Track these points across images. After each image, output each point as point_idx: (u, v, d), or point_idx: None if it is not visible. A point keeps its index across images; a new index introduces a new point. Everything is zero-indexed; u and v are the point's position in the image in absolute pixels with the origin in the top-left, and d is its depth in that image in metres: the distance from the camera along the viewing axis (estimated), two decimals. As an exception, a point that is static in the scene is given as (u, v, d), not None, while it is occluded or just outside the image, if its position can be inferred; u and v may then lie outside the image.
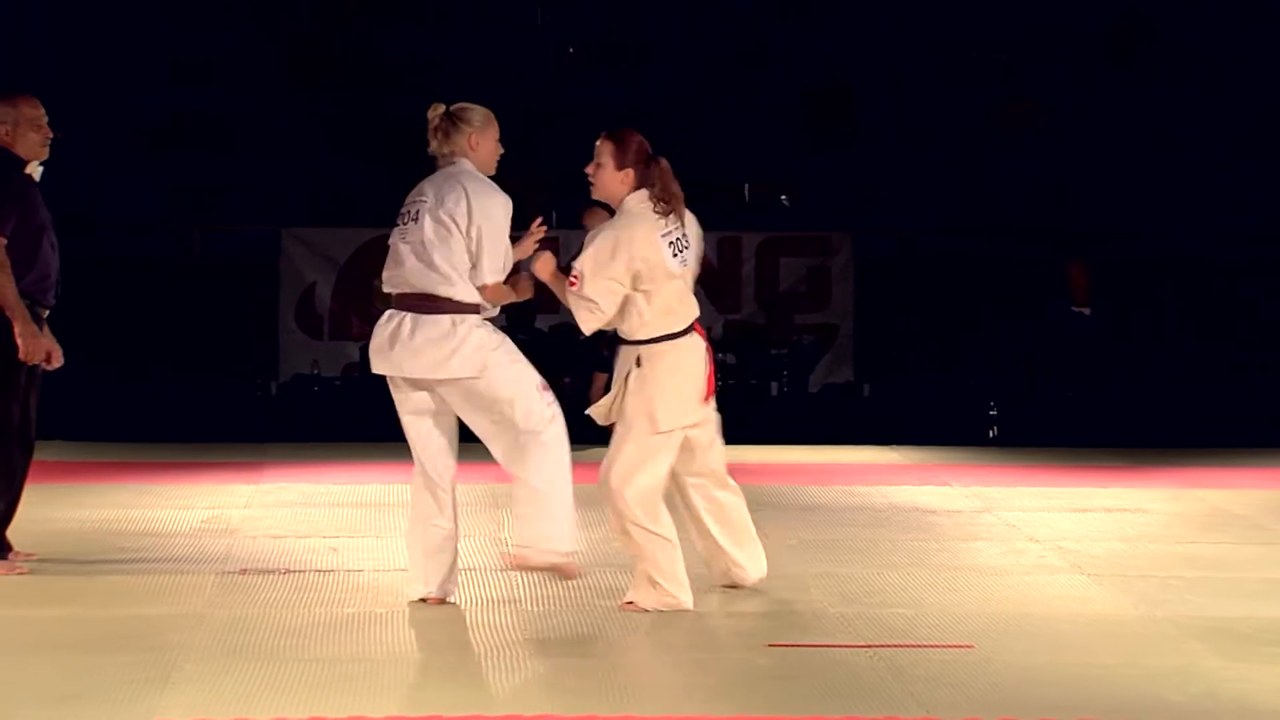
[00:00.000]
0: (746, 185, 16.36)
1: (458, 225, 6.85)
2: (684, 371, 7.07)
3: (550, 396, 6.97)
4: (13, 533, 8.54)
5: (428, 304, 6.87)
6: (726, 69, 16.20)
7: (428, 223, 6.87)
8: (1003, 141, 16.17)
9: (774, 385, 14.80)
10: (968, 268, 15.20)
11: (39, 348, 7.27)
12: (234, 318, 14.99)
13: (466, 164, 7.00)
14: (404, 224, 6.96)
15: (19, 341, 7.21)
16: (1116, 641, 6.67)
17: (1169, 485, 10.58)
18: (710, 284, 15.31)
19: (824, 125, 16.16)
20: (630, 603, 6.98)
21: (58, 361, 7.51)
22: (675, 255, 7.06)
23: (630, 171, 7.08)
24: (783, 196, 16.29)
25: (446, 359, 6.87)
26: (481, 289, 6.90)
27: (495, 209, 6.90)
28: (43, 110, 7.40)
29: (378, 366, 7.01)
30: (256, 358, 14.93)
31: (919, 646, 6.50)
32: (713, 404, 7.21)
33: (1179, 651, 6.52)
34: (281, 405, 14.48)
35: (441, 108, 7.07)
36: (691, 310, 7.16)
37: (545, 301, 8.63)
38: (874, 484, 10.50)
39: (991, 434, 13.22)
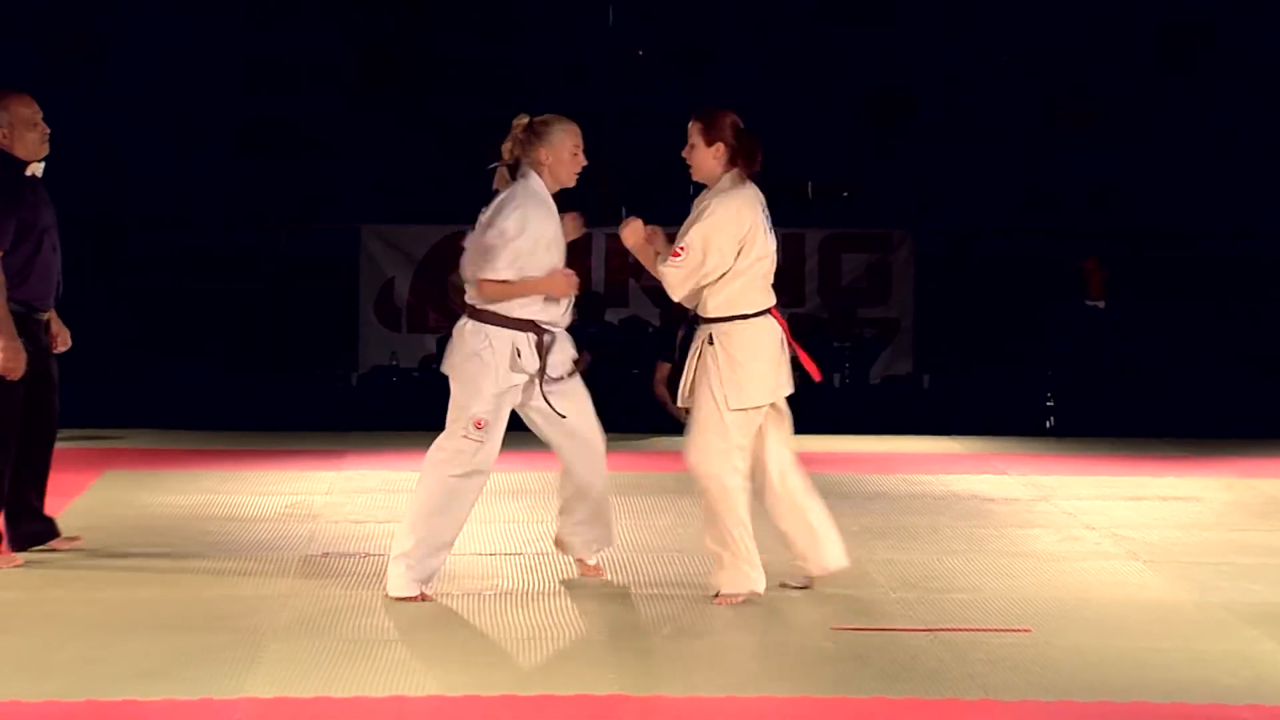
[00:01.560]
0: (810, 183, 16.31)
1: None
2: (757, 350, 6.97)
3: (477, 434, 6.90)
4: (105, 516, 8.63)
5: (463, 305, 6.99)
6: (790, 71, 16.17)
7: (477, 230, 6.94)
8: (1059, 142, 16.08)
9: (836, 377, 14.76)
10: (1024, 264, 15.13)
11: (19, 364, 6.89)
12: (316, 312, 15.06)
13: (534, 181, 6.97)
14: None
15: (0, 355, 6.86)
16: (1171, 626, 6.63)
17: (1223, 474, 10.50)
18: (774, 278, 15.30)
19: (885, 125, 16.11)
20: (719, 595, 6.89)
21: (64, 345, 7.33)
22: (767, 233, 6.99)
23: (720, 146, 7.03)
24: (844, 193, 16.25)
25: (447, 356, 7.05)
26: (480, 283, 6.88)
27: (512, 218, 6.86)
28: (36, 107, 7.07)
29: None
30: (338, 350, 14.99)
31: (978, 630, 6.48)
32: (789, 386, 7.10)
33: (1233, 636, 6.48)
34: (361, 395, 14.54)
35: (526, 119, 7.06)
36: (770, 294, 7.10)
37: (615, 295, 8.62)
38: (933, 473, 10.46)
39: (1048, 424, 13.15)
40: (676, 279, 6.91)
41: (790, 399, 7.37)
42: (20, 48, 15.45)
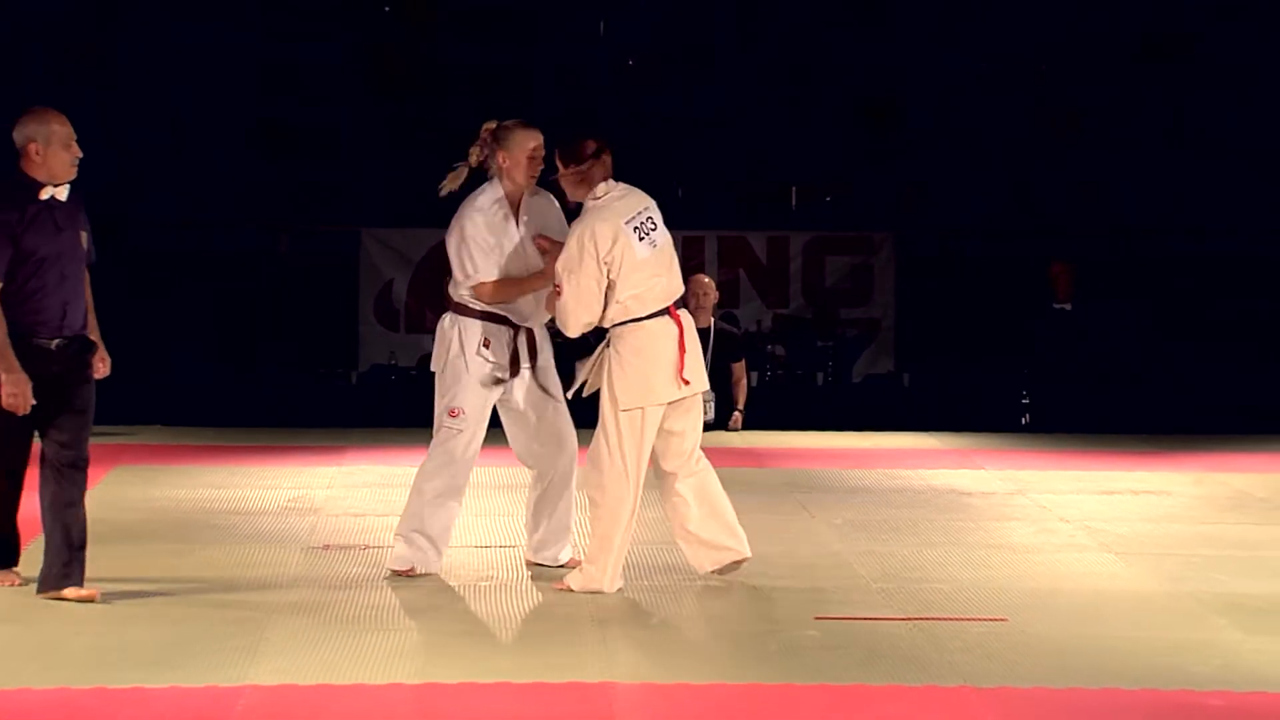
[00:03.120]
0: (794, 188, 16.30)
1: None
2: (648, 353, 6.87)
3: (452, 423, 7.12)
4: (115, 510, 8.62)
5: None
6: (779, 79, 16.16)
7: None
8: (1039, 147, 16.08)
9: (820, 375, 14.76)
10: (1002, 266, 15.13)
11: (23, 395, 6.39)
12: (317, 311, 15.04)
13: (484, 190, 7.11)
14: None
15: (2, 389, 6.40)
16: (1142, 616, 6.65)
17: (1192, 469, 10.52)
18: (760, 280, 15.29)
19: (869, 132, 16.11)
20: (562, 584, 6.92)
21: (104, 371, 6.77)
22: (642, 240, 6.86)
23: (583, 168, 6.94)
24: (827, 197, 16.25)
25: (433, 350, 7.23)
26: (477, 287, 7.04)
27: (459, 219, 7.05)
28: (71, 128, 6.60)
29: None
30: (338, 349, 14.97)
31: (956, 619, 6.49)
32: (693, 387, 6.95)
33: (1201, 625, 6.49)
34: (361, 393, 14.53)
35: (493, 124, 7.11)
36: (663, 295, 6.93)
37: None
38: (913, 468, 10.48)
39: (1024, 421, 13.16)
40: (569, 319, 6.88)
41: (776, 397, 7.37)
42: (31, 49, 15.42)
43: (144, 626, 6.23)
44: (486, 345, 7.07)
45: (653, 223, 6.94)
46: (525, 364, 7.13)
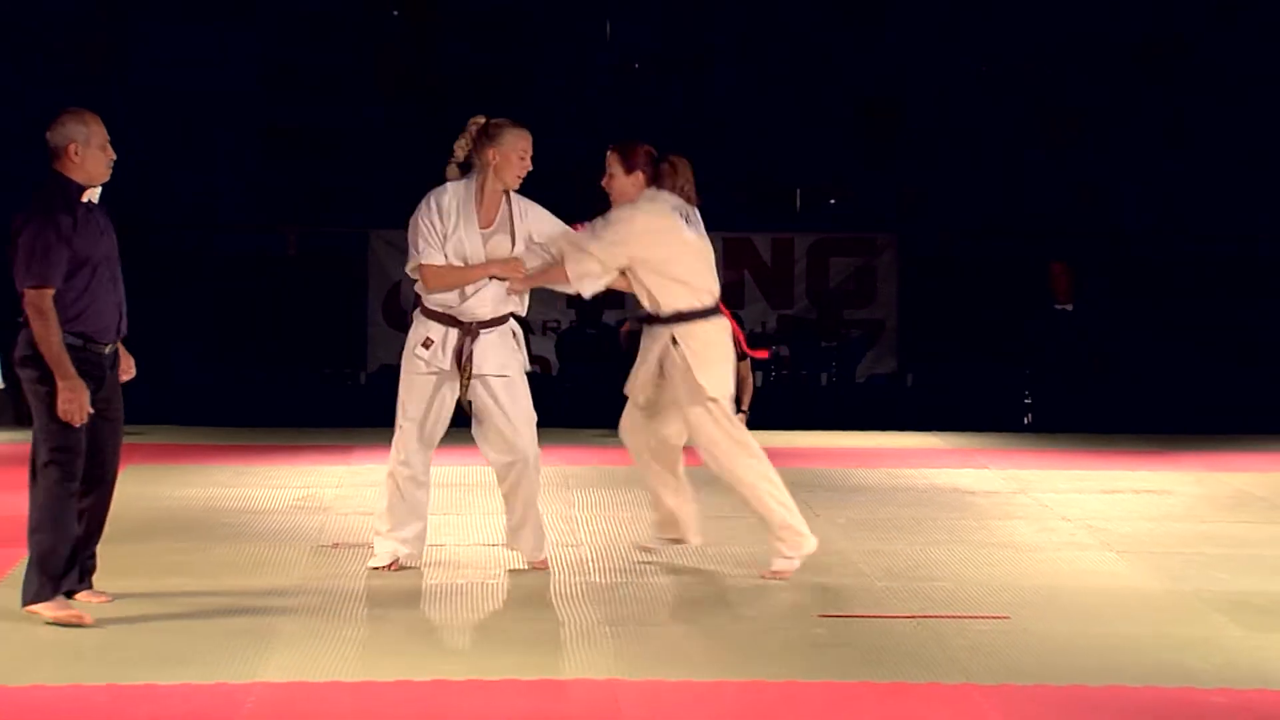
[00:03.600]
0: (798, 190, 16.31)
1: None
2: (721, 347, 7.19)
3: (399, 418, 7.24)
4: (125, 509, 8.61)
5: None
6: (782, 82, 16.17)
7: None
8: (1039, 149, 16.08)
9: (824, 375, 14.76)
10: (1004, 267, 15.14)
11: (78, 407, 6.20)
12: (326, 312, 15.05)
13: (460, 183, 7.21)
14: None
15: (59, 397, 6.18)
16: (1143, 613, 6.64)
17: (1193, 469, 10.51)
18: (764, 281, 15.29)
19: (872, 134, 16.11)
20: (776, 571, 7.05)
21: (128, 374, 6.59)
22: (689, 223, 7.09)
23: (640, 174, 7.12)
24: (831, 200, 16.25)
25: None
26: (420, 271, 7.29)
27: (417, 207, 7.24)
28: (105, 130, 6.43)
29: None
30: (346, 349, 14.99)
31: (959, 617, 6.48)
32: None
33: (1202, 623, 6.49)
34: (369, 393, 14.53)
35: (482, 119, 7.12)
36: (711, 287, 7.23)
37: (611, 297, 8.61)
38: (917, 467, 10.47)
39: (1026, 420, 13.15)
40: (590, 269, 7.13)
41: (781, 396, 7.40)
42: (47, 53, 15.44)
43: (154, 624, 6.23)
44: (426, 345, 7.12)
45: (691, 219, 7.18)
46: (479, 368, 7.09)
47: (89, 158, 6.36)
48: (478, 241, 7.06)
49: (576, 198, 7.23)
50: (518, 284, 7.09)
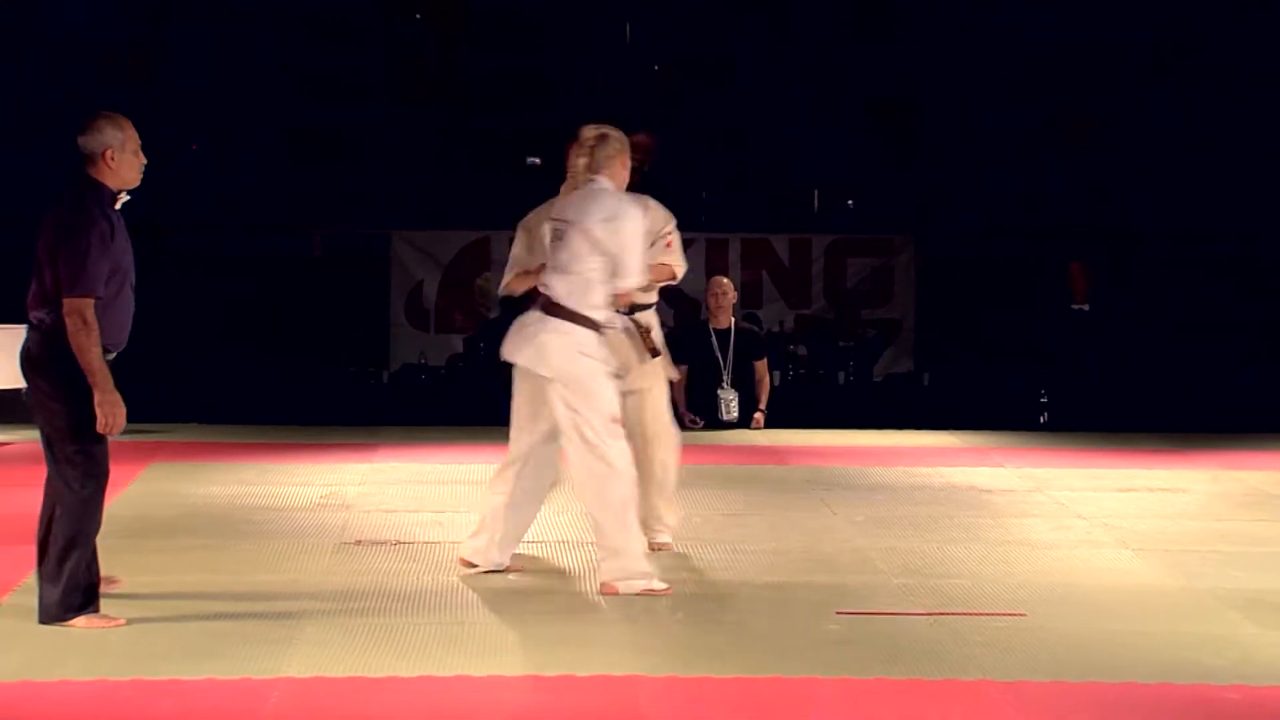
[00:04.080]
0: (816, 192, 16.30)
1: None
2: None
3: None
4: (150, 507, 8.64)
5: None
6: (801, 86, 16.16)
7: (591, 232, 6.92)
8: (1055, 151, 16.06)
9: (841, 375, 14.75)
10: (1020, 268, 15.12)
11: (119, 418, 6.09)
12: (349, 312, 15.07)
13: (605, 181, 6.96)
14: (562, 235, 6.95)
15: (98, 411, 6.04)
16: (1158, 611, 6.62)
17: (1209, 467, 10.48)
18: (782, 282, 15.29)
19: (890, 136, 16.09)
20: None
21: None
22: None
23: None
24: (849, 202, 16.24)
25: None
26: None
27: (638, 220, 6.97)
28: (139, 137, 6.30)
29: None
30: (369, 348, 15.01)
31: (976, 614, 6.47)
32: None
33: (1217, 620, 6.47)
34: (392, 391, 14.56)
35: (595, 129, 6.99)
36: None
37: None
38: (933, 465, 10.45)
39: (1042, 419, 13.13)
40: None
41: (798, 396, 7.38)
42: (73, 59, 15.48)
43: (180, 620, 6.24)
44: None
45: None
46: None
47: (124, 163, 6.25)
48: None
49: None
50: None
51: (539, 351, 6.83)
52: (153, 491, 9.09)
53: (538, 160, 15.16)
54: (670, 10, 16.40)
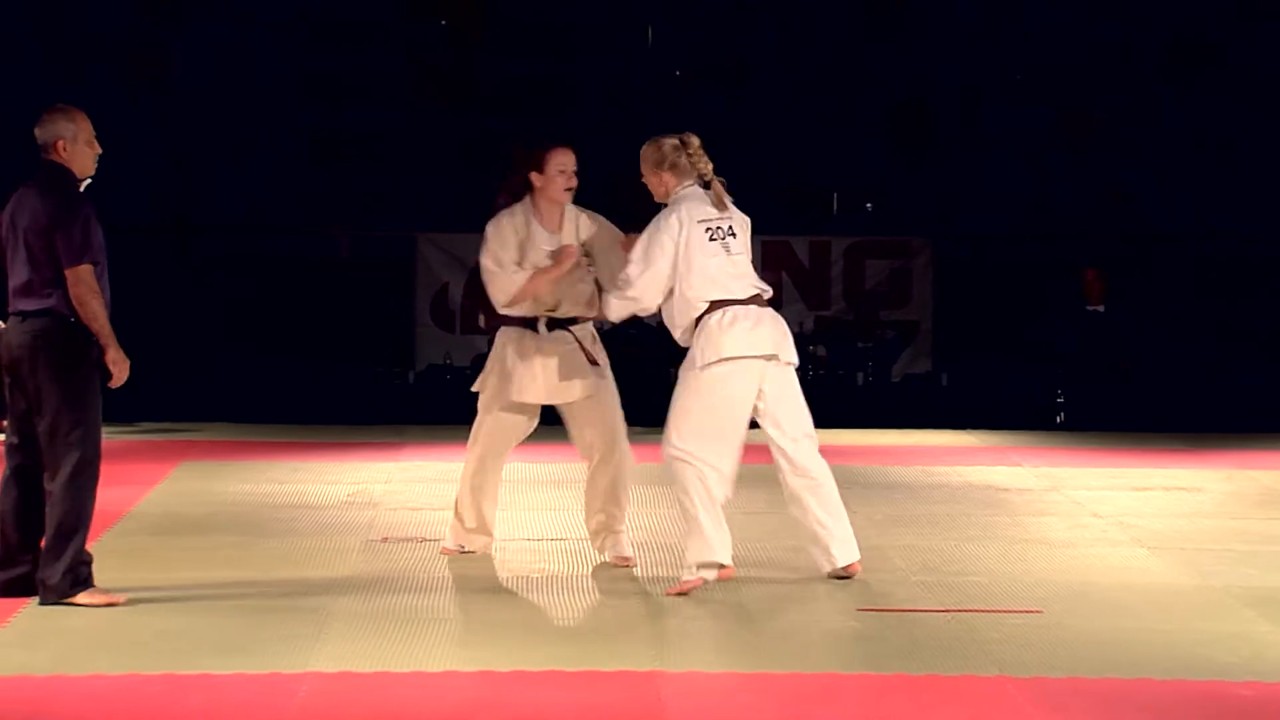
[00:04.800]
0: (835, 194, 16.28)
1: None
2: None
3: None
4: (181, 504, 8.66)
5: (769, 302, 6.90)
6: (820, 89, 16.14)
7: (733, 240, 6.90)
8: (1071, 154, 16.01)
9: (860, 375, 14.72)
10: (1037, 269, 15.08)
11: (127, 370, 6.29)
12: (375, 313, 15.07)
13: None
14: (728, 242, 6.85)
15: (112, 369, 6.25)
16: (1173, 608, 6.61)
17: (1223, 466, 10.45)
18: (801, 283, 15.27)
19: (908, 139, 16.06)
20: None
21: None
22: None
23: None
24: (867, 204, 16.21)
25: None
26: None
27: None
28: (91, 126, 6.41)
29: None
30: (395, 349, 15.01)
31: (993, 611, 6.47)
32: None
33: (1232, 618, 6.45)
34: (418, 392, 14.56)
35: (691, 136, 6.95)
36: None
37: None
38: (951, 464, 10.44)
39: (1059, 419, 13.10)
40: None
41: (818, 396, 7.37)
42: (101, 63, 15.51)
43: (210, 615, 6.26)
44: None
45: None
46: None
47: (76, 153, 6.37)
48: None
49: (612, 199, 7.20)
50: None
51: (787, 339, 6.83)
52: (183, 490, 9.12)
53: None
54: (689, 15, 16.39)
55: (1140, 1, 15.76)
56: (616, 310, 6.88)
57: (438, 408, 13.46)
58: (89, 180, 6.43)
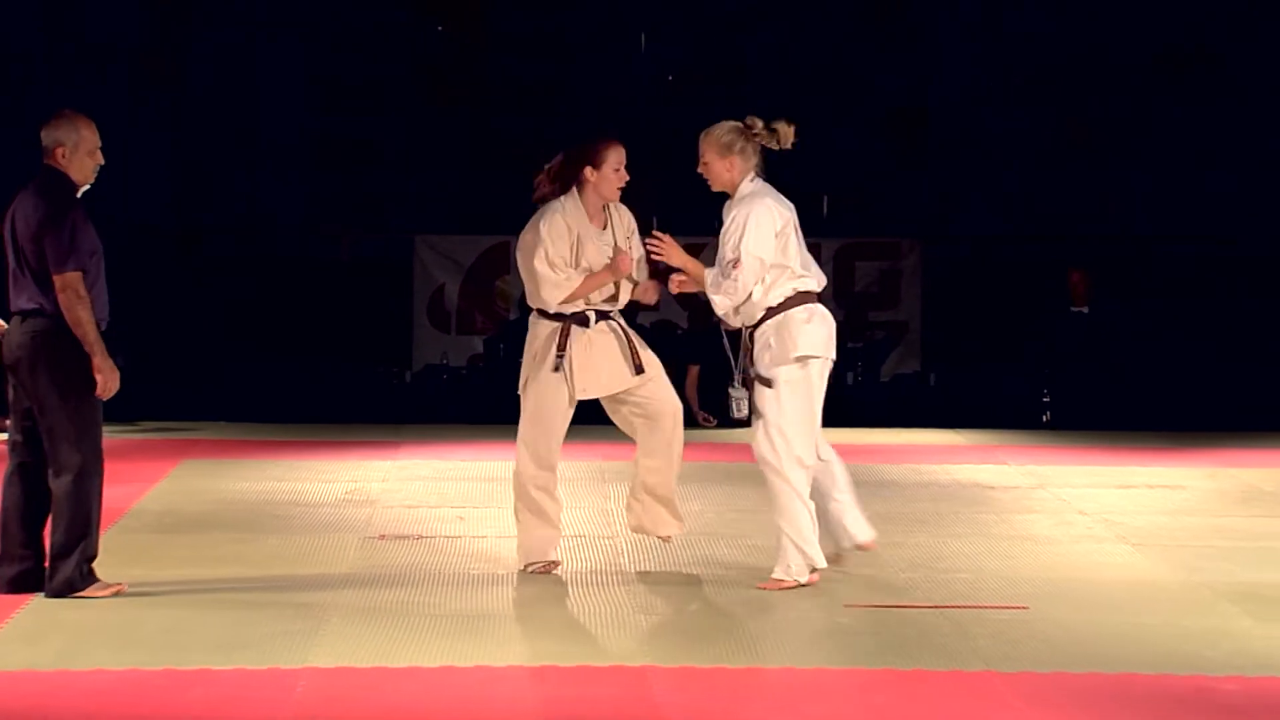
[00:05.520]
0: (825, 196, 16.28)
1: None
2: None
3: None
4: (182, 502, 8.66)
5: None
6: (811, 92, 16.14)
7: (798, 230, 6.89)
8: (1059, 158, 16.02)
9: (850, 375, 14.73)
10: (1024, 271, 15.08)
11: (116, 382, 6.28)
12: (374, 314, 15.07)
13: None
14: (797, 234, 6.85)
15: (97, 377, 6.22)
16: (1157, 604, 6.61)
17: (1206, 464, 10.46)
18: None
19: (897, 143, 16.07)
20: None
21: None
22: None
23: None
24: (856, 206, 16.22)
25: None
26: None
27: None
28: (98, 136, 6.41)
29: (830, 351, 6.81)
30: (393, 349, 15.00)
31: (979, 607, 6.47)
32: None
33: (1214, 613, 6.46)
34: (415, 391, 14.56)
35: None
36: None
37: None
38: (939, 463, 10.44)
39: (1045, 418, 13.11)
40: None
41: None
42: (109, 68, 15.50)
43: (210, 611, 6.26)
44: None
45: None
46: None
47: (75, 162, 6.37)
48: None
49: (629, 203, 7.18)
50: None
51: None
52: (183, 487, 9.12)
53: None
54: (684, 20, 16.39)
55: (1130, 9, 15.76)
56: (722, 306, 6.80)
57: (434, 407, 13.46)
58: (87, 188, 6.41)
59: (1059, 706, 5.21)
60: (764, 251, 6.70)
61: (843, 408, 13.34)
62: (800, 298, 6.74)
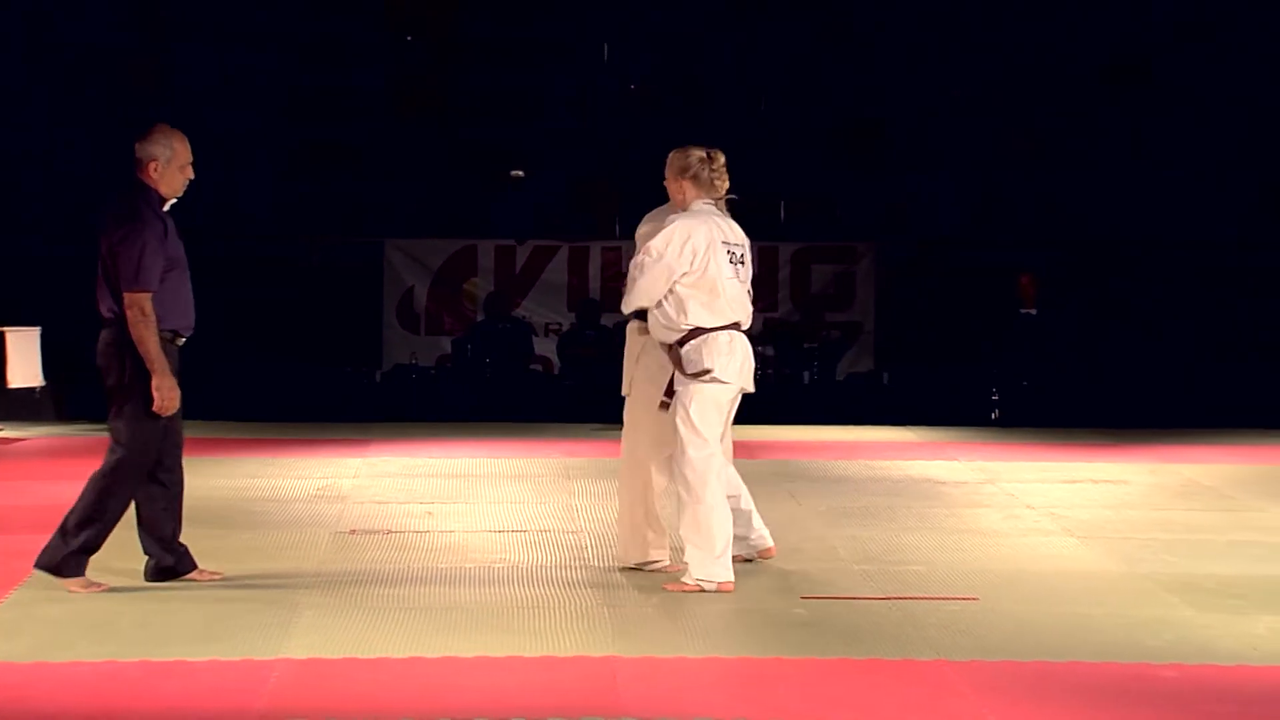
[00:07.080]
0: (782, 201, 16.30)
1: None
2: None
3: None
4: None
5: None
6: (769, 102, 16.17)
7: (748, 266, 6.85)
8: (1008, 165, 16.08)
9: (806, 374, 14.75)
10: (974, 275, 15.14)
11: (174, 401, 6.40)
12: (344, 315, 15.03)
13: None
14: (743, 266, 6.83)
15: (155, 394, 6.33)
16: (1101, 595, 6.64)
17: (1148, 460, 10.52)
18: (751, 286, 15.30)
19: (853, 150, 16.11)
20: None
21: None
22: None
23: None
24: (812, 211, 16.25)
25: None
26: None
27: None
28: (190, 152, 6.55)
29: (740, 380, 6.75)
30: (363, 350, 14.97)
31: (931, 599, 6.49)
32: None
33: (1156, 603, 6.49)
34: (384, 390, 14.53)
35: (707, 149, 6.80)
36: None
37: (610, 300, 8.61)
38: (892, 459, 10.48)
39: (994, 416, 13.16)
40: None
41: (766, 394, 7.37)
42: (92, 77, 15.42)
43: (186, 604, 6.24)
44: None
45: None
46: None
47: (167, 176, 6.46)
48: None
49: (578, 209, 7.19)
50: None
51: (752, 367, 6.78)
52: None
53: (520, 173, 15.14)
54: (646, 31, 16.40)
55: (1074, 25, 15.84)
56: (624, 305, 6.77)
57: (403, 406, 13.43)
58: (174, 200, 6.50)
59: (1008, 694, 5.23)
60: (672, 257, 6.64)
61: (799, 406, 13.46)
62: (723, 328, 6.70)
